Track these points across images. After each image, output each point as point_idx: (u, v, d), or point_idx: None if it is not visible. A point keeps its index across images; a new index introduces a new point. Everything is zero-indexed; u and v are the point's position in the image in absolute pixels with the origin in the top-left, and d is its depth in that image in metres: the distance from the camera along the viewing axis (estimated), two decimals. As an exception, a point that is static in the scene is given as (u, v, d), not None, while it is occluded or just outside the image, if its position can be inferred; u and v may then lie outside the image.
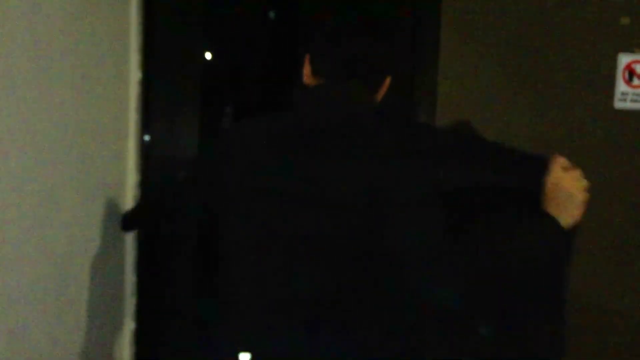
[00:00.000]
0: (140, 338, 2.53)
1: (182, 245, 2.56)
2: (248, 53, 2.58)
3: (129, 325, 2.49)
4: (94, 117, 2.06)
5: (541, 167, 1.29)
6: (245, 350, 1.45)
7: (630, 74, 2.52)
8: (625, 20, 2.50)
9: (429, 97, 2.53)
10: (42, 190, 1.68)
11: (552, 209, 1.27)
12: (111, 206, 2.27)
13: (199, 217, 1.79)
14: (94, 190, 2.04)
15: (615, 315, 2.55)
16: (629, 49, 2.51)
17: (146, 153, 2.49)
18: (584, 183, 1.31)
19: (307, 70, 1.50)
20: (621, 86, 2.52)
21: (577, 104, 2.52)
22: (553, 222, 1.25)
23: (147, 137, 2.50)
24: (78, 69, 1.90)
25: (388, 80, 1.52)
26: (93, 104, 2.04)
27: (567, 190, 1.29)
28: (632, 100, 2.53)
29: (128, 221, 2.12)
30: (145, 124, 2.48)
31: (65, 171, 1.84)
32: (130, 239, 2.44)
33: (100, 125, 2.12)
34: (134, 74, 2.41)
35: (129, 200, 2.42)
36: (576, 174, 1.31)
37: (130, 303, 2.48)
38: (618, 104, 2.53)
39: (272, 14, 2.62)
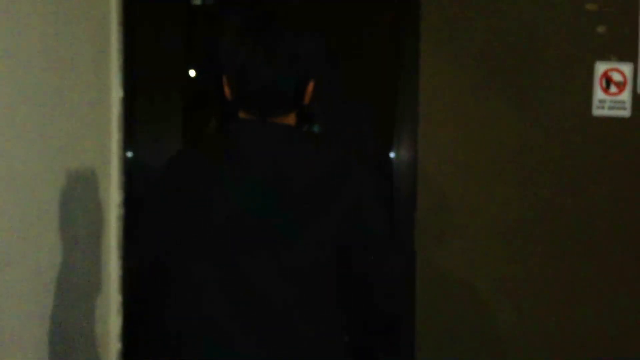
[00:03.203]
0: (126, 358, 2.50)
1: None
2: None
3: (115, 346, 2.47)
4: (77, 137, 2.05)
5: None
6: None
7: (607, 81, 2.56)
8: (601, 29, 2.55)
9: (411, 105, 2.55)
10: (24, 209, 1.66)
11: None
12: (95, 225, 2.25)
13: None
14: (77, 209, 2.02)
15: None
16: (606, 57, 2.55)
17: (129, 171, 2.47)
18: None
19: (227, 90, 1.55)
20: (599, 94, 2.56)
21: (555, 112, 2.56)
22: None
23: (130, 154, 2.49)
24: (59, 88, 1.89)
25: (311, 85, 1.56)
26: (75, 123, 2.03)
27: None
28: (610, 108, 2.57)
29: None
30: (128, 142, 2.47)
31: (49, 190, 1.83)
32: (114, 258, 2.42)
33: (82, 144, 2.10)
34: (116, 93, 2.40)
35: (112, 219, 2.40)
36: None
37: (115, 322, 2.46)
38: (596, 111, 2.57)
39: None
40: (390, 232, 1.55)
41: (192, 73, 2.65)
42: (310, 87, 1.55)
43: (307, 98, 1.56)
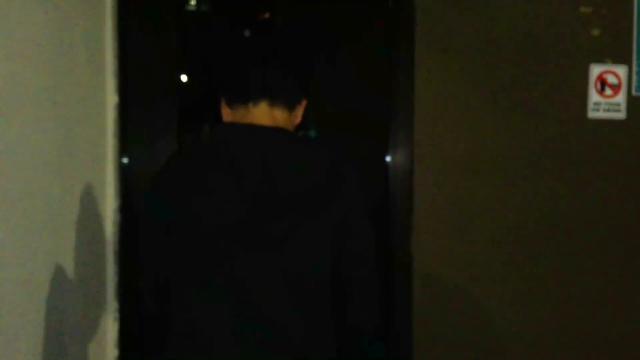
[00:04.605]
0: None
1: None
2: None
3: (112, 352, 2.46)
4: (72, 143, 2.04)
5: None
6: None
7: (602, 84, 2.56)
8: (596, 32, 2.55)
9: (406, 109, 2.55)
10: (20, 216, 1.66)
11: None
12: (91, 231, 2.24)
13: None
14: (73, 215, 2.02)
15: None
16: (601, 60, 2.56)
17: (125, 177, 2.47)
18: None
19: (224, 109, 1.55)
20: (594, 96, 2.57)
21: (551, 115, 2.56)
22: None
23: (125, 160, 2.48)
24: (54, 94, 1.88)
25: (304, 103, 1.57)
26: (70, 129, 2.03)
27: None
28: (605, 110, 2.57)
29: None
30: (124, 148, 2.46)
31: (45, 197, 1.82)
32: (111, 264, 2.42)
33: (78, 150, 2.10)
34: (111, 98, 2.39)
35: (109, 225, 2.40)
36: None
37: (112, 328, 2.45)
38: (591, 114, 2.58)
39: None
40: (374, 247, 1.55)
41: (187, 78, 2.65)
42: (303, 104, 1.56)
43: (297, 112, 1.56)
